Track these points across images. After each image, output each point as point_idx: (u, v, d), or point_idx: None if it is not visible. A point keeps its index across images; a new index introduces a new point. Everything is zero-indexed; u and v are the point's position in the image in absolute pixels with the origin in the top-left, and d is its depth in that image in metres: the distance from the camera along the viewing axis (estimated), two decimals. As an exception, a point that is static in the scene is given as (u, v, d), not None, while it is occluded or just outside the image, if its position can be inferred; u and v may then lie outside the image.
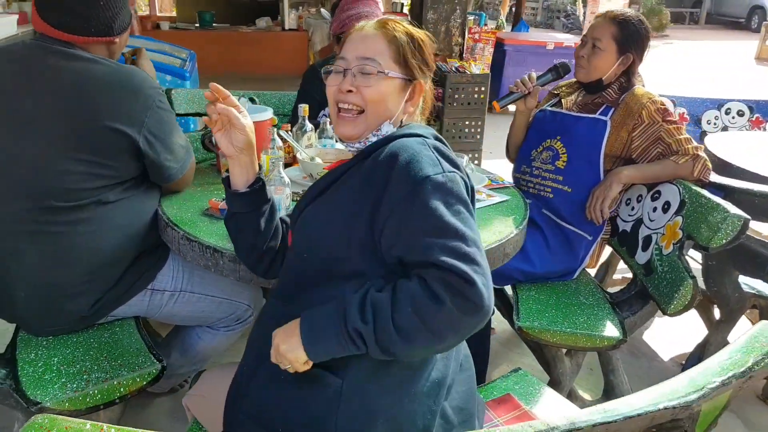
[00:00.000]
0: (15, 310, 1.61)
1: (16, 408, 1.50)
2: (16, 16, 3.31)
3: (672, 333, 2.87)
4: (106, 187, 1.58)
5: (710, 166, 1.98)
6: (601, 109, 2.10)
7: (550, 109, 2.25)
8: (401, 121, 1.29)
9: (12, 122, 1.51)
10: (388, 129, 1.25)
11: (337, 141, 2.05)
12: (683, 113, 3.65)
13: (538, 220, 2.14)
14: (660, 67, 12.15)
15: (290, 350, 1.09)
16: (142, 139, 1.58)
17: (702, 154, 1.97)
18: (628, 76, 2.10)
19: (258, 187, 1.33)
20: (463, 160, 2.01)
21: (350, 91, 1.23)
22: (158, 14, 11.37)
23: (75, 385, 1.49)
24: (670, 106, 3.65)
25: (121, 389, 1.53)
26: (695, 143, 2.00)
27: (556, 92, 2.32)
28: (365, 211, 1.12)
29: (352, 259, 1.14)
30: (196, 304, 1.80)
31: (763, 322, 1.07)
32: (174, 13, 11.30)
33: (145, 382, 1.56)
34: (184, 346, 1.96)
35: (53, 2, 1.56)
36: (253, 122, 1.99)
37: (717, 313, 2.45)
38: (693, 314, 2.72)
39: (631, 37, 2.04)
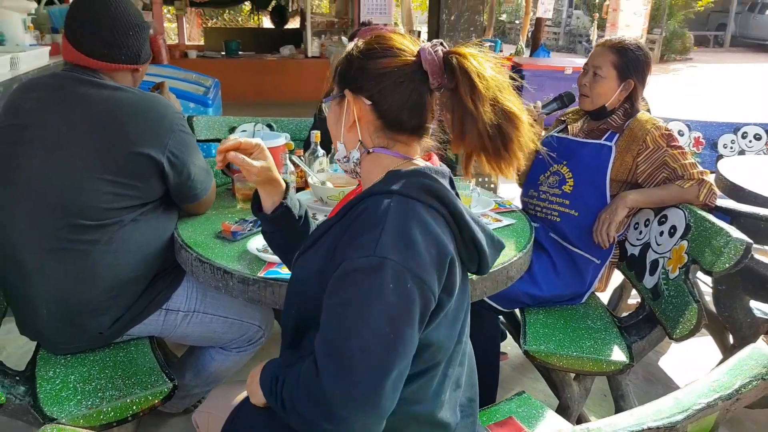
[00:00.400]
0: (38, 326, 1.68)
1: (33, 424, 1.56)
2: (48, 48, 3.45)
3: (687, 359, 2.85)
4: (130, 207, 1.67)
5: (716, 190, 1.99)
6: (606, 135, 2.13)
7: (556, 135, 2.28)
8: (360, 143, 1.19)
9: (46, 146, 1.60)
10: (341, 149, 1.23)
11: None
12: (699, 137, 3.65)
13: (545, 243, 2.17)
14: (683, 91, 12.09)
15: (251, 397, 1.22)
16: (165, 161, 1.66)
17: (707, 178, 1.99)
18: (631, 101, 2.13)
19: (281, 211, 1.35)
20: (470, 184, 2.05)
21: None
22: (186, 43, 11.69)
23: (90, 402, 1.54)
24: (684, 129, 3.65)
25: (134, 407, 1.58)
26: (700, 168, 2.01)
27: (563, 119, 2.36)
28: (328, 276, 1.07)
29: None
30: (209, 324, 1.85)
31: (753, 345, 1.08)
32: (202, 42, 11.61)
33: (157, 401, 1.61)
34: (198, 367, 2.01)
35: (87, 32, 1.67)
36: (268, 148, 2.08)
37: (731, 339, 2.43)
38: (708, 340, 2.70)
39: (630, 64, 2.08)
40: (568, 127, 2.29)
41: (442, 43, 1.15)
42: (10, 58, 2.81)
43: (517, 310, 2.22)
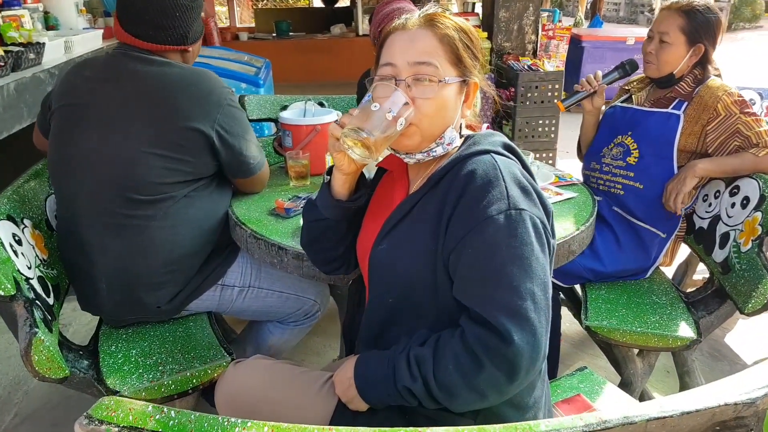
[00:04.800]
0: (98, 300, 1.72)
1: (97, 397, 1.60)
2: (102, 31, 3.50)
3: (755, 335, 2.72)
4: (183, 183, 1.68)
5: (794, 159, 1.86)
6: (673, 104, 2.01)
7: (620, 105, 2.17)
8: (461, 126, 1.20)
9: (100, 123, 1.63)
10: (451, 135, 1.15)
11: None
12: (771, 105, 3.45)
13: (608, 217, 2.08)
14: (752, 60, 11.52)
15: (350, 402, 1.14)
16: (215, 135, 1.67)
17: (785, 146, 1.86)
18: (702, 66, 2.00)
19: (359, 197, 1.27)
20: (529, 158, 1.99)
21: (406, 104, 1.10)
22: (237, 25, 11.79)
23: (151, 376, 1.57)
24: (756, 98, 3.46)
25: (194, 380, 1.60)
26: (777, 135, 1.88)
27: (627, 88, 2.24)
28: (441, 246, 1.07)
29: (440, 298, 1.09)
30: (264, 299, 1.86)
31: None
32: (253, 24, 11.69)
33: (215, 374, 1.62)
34: (258, 341, 2.03)
35: (136, 17, 1.68)
36: (319, 124, 2.08)
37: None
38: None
39: (700, 27, 1.94)
40: (633, 96, 2.17)
41: None
42: (65, 42, 2.86)
43: (577, 286, 2.15)
